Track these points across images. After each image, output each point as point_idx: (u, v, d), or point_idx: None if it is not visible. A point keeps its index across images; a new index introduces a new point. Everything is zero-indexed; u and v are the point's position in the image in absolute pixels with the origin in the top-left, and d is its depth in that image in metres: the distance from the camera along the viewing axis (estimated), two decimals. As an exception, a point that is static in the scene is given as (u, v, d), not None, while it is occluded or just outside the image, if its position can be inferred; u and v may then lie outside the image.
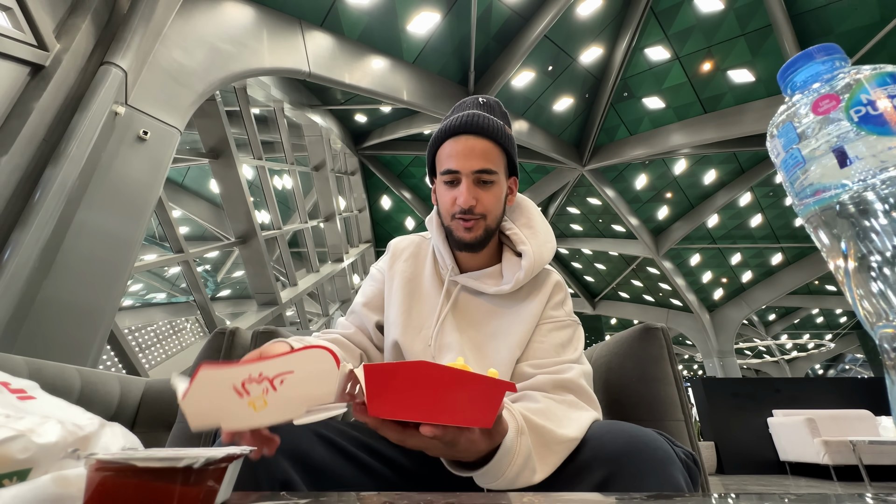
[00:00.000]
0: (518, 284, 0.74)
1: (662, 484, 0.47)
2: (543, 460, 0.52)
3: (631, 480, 0.47)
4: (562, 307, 0.77)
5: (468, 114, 0.74)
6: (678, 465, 0.50)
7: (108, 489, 0.24)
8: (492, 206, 0.73)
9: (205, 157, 4.52)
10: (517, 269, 0.75)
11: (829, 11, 5.04)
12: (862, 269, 0.30)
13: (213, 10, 3.67)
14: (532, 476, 0.51)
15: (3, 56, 2.35)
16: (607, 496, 0.38)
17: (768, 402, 5.59)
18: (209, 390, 0.35)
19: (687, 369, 21.08)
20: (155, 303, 7.62)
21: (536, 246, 0.76)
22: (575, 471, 0.52)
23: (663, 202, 8.91)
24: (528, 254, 0.74)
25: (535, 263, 0.75)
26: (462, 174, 0.71)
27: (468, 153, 0.71)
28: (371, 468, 0.61)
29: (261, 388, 0.35)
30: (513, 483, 0.50)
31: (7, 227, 2.30)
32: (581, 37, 5.92)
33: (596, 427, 0.56)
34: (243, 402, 0.35)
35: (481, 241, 0.74)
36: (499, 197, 0.74)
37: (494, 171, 0.72)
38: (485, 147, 0.72)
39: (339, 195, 7.42)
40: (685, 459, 0.53)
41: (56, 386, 1.02)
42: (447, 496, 0.37)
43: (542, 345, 0.72)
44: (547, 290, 0.78)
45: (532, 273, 0.75)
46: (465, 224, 0.72)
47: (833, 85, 0.33)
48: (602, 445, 0.51)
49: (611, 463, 0.49)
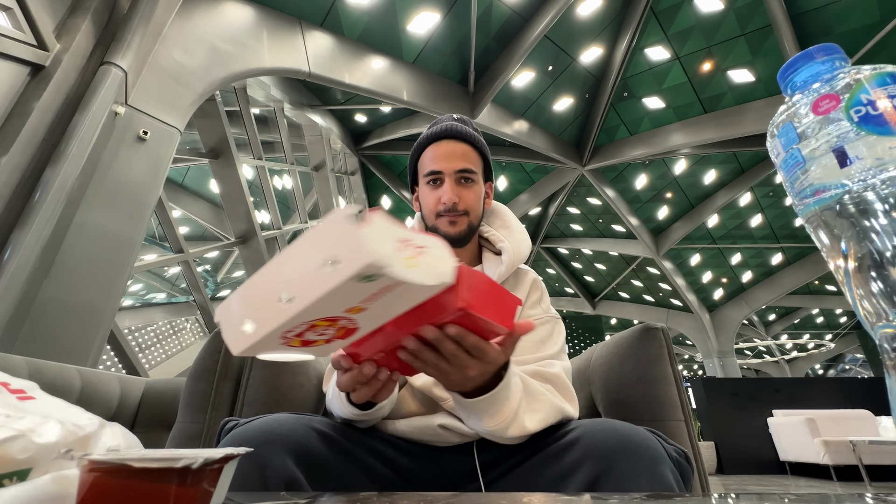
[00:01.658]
0: (500, 279, 0.77)
1: (653, 482, 0.48)
2: (531, 409, 0.56)
3: (622, 478, 0.48)
4: (538, 305, 0.80)
5: (447, 123, 0.81)
6: (668, 464, 0.50)
7: (102, 491, 0.24)
8: (473, 204, 0.79)
9: (205, 157, 4.52)
10: (498, 266, 0.78)
11: (829, 11, 5.04)
12: (862, 269, 0.30)
13: (213, 10, 3.67)
14: (525, 421, 0.55)
15: (3, 56, 2.35)
16: (608, 496, 0.38)
17: (768, 402, 5.59)
18: (382, 233, 0.35)
19: (687, 369, 21.08)
20: (155, 303, 7.62)
21: (514, 242, 0.80)
22: (566, 468, 0.52)
23: (663, 202, 8.91)
24: (508, 249, 0.79)
25: (515, 258, 0.79)
26: (445, 174, 0.77)
27: (450, 155, 0.78)
28: (375, 469, 0.61)
29: (411, 251, 0.36)
30: (510, 423, 0.53)
31: (7, 227, 2.31)
32: (581, 37, 5.92)
33: (588, 425, 0.56)
34: (401, 255, 0.35)
35: (465, 237, 0.79)
36: (479, 195, 0.80)
37: (475, 170, 0.79)
38: (465, 150, 0.79)
39: (339, 195, 7.42)
40: (677, 457, 0.53)
41: (56, 386, 1.02)
42: (448, 496, 0.37)
43: (521, 342, 0.72)
44: (525, 288, 0.81)
45: (512, 267, 0.79)
46: (449, 219, 0.77)
47: (833, 85, 0.33)
48: (594, 444, 0.52)
49: (602, 461, 0.50)
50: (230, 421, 0.63)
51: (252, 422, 0.57)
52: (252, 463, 0.51)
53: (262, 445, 0.52)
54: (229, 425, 0.61)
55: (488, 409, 0.52)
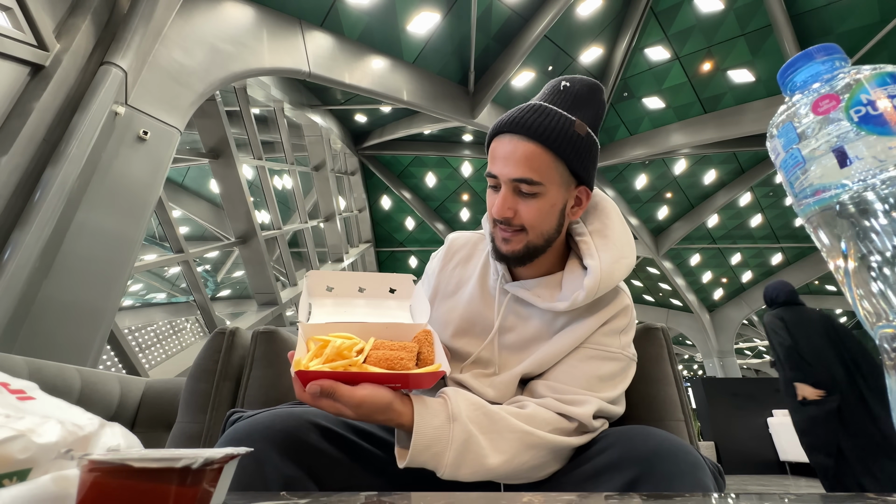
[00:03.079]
0: (575, 305, 0.63)
1: (694, 487, 0.47)
2: (495, 445, 0.53)
3: (661, 481, 0.47)
4: (618, 336, 0.66)
5: (525, 107, 0.64)
6: (707, 471, 0.50)
7: (102, 491, 0.24)
8: (534, 221, 0.63)
9: (205, 157, 4.52)
10: (578, 287, 0.64)
11: (829, 11, 5.04)
12: (862, 269, 0.30)
13: (213, 10, 3.67)
14: (484, 459, 0.52)
15: (3, 56, 2.35)
16: (608, 497, 0.37)
17: (768, 402, 5.59)
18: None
19: (687, 369, 21.06)
20: (155, 303, 7.62)
21: (607, 261, 0.64)
22: (601, 468, 0.52)
23: (663, 202, 8.91)
24: (594, 270, 0.63)
25: (602, 284, 0.63)
26: (501, 180, 0.63)
27: (509, 157, 0.62)
28: (379, 460, 0.60)
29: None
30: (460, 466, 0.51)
31: (7, 227, 2.30)
32: (581, 37, 5.91)
33: (624, 429, 0.56)
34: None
35: (520, 258, 0.66)
36: (544, 211, 0.63)
37: (538, 181, 0.61)
38: (530, 152, 0.61)
39: (339, 195, 7.42)
40: (712, 470, 0.53)
41: (56, 386, 1.02)
42: (448, 496, 0.37)
43: (573, 370, 0.64)
44: (608, 312, 0.66)
45: (595, 294, 0.63)
46: (504, 234, 0.65)
47: (833, 85, 0.33)
48: (633, 446, 0.51)
49: (642, 463, 0.49)
50: (236, 412, 0.63)
51: (253, 416, 0.57)
52: (251, 458, 0.50)
53: (261, 440, 0.52)
54: (234, 417, 0.61)
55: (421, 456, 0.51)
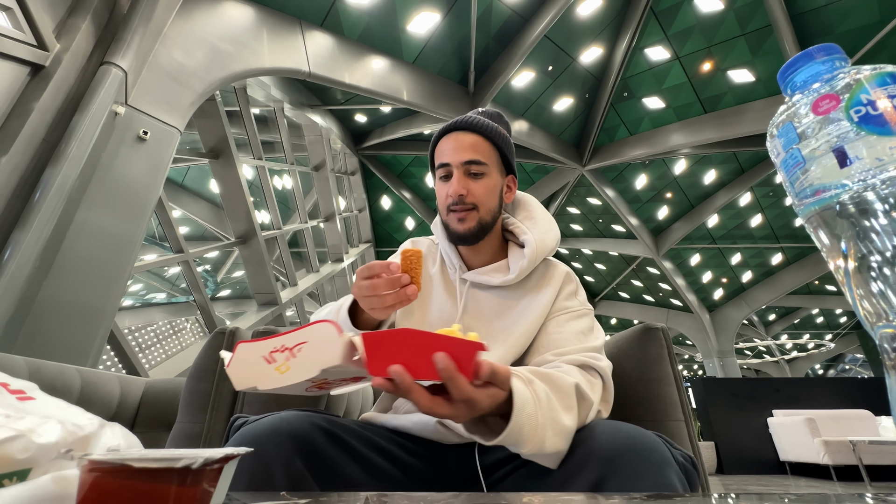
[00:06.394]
0: (522, 273, 0.75)
1: (658, 486, 0.47)
2: (564, 405, 0.52)
3: (626, 480, 0.47)
4: (574, 297, 0.78)
5: (462, 116, 0.80)
6: (674, 468, 0.50)
7: (102, 491, 0.24)
8: (483, 197, 0.75)
9: (205, 157, 4.52)
10: (520, 259, 0.76)
11: (829, 11, 5.03)
12: (862, 269, 0.30)
13: (213, 10, 3.67)
14: (564, 422, 0.50)
15: (3, 56, 2.35)
16: (608, 497, 0.38)
17: (768, 402, 5.59)
18: (246, 360, 0.46)
19: (687, 369, 21.07)
20: (155, 303, 7.62)
21: (538, 234, 0.78)
22: (571, 469, 0.52)
23: (663, 202, 8.91)
24: (530, 241, 0.76)
25: (538, 251, 0.76)
26: (452, 166, 0.75)
27: (458, 147, 0.76)
28: (379, 467, 0.61)
29: (283, 356, 0.45)
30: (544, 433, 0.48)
31: (7, 227, 2.31)
32: (581, 37, 5.91)
33: (592, 425, 0.55)
34: (271, 367, 0.45)
35: (475, 234, 0.75)
36: (490, 188, 0.76)
37: (483, 161, 0.75)
38: (474, 141, 0.76)
39: (339, 195, 7.42)
40: (683, 462, 0.52)
41: (56, 386, 1.02)
42: (448, 496, 0.37)
43: (560, 335, 0.71)
44: (557, 281, 0.78)
45: (536, 261, 0.76)
46: (458, 215, 0.74)
47: (833, 85, 0.33)
48: (599, 445, 0.51)
49: (607, 462, 0.49)
50: (240, 417, 0.63)
51: (259, 420, 0.58)
52: (259, 461, 0.51)
53: (269, 444, 0.53)
54: (238, 422, 0.62)
55: (518, 434, 0.48)
